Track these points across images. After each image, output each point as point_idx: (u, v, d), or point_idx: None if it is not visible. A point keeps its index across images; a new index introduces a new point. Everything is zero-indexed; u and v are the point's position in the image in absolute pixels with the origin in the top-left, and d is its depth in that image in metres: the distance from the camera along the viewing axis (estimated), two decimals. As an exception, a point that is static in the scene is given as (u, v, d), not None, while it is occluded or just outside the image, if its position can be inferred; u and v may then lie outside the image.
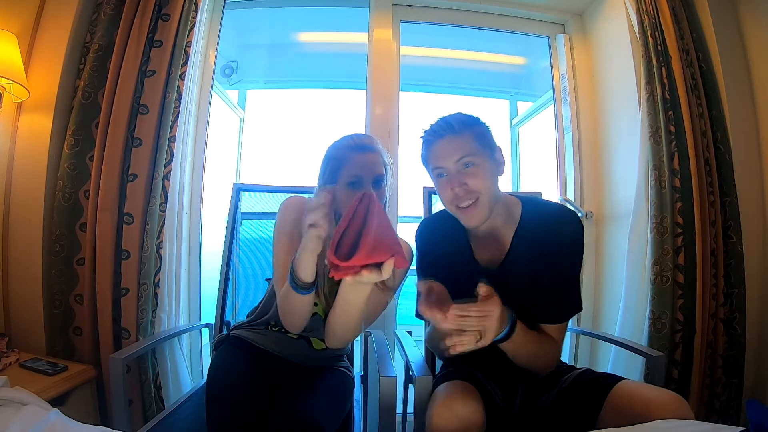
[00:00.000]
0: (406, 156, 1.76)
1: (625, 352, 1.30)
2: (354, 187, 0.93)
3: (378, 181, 0.94)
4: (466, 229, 0.97)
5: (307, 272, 0.80)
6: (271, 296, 1.07)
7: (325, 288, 0.96)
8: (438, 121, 0.91)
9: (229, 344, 1.06)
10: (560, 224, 0.90)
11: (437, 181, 0.91)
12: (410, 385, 1.02)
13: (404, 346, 1.11)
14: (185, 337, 1.52)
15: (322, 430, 0.80)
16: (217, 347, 1.09)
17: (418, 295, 0.78)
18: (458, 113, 0.92)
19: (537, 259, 0.90)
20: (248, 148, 2.51)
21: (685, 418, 0.70)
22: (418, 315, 0.82)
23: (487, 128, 0.92)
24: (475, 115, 0.92)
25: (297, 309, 0.88)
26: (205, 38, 1.67)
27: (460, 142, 0.87)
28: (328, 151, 1.00)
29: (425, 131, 0.93)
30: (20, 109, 1.38)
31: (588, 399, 0.82)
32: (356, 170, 0.93)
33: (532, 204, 0.96)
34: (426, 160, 0.94)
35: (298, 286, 0.81)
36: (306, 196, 1.02)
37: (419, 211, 1.43)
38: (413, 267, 1.06)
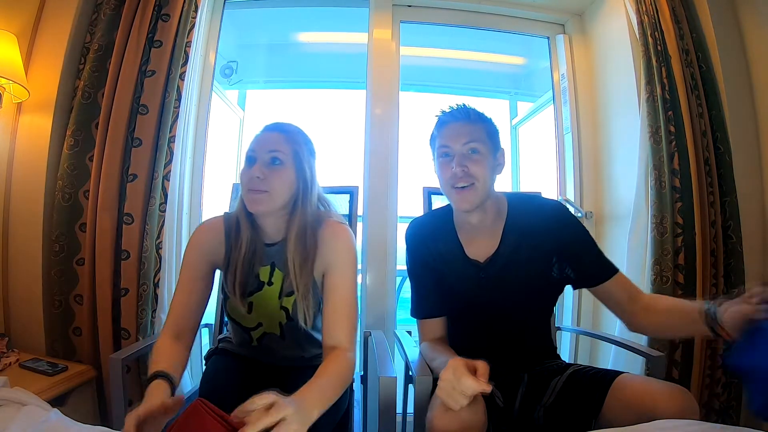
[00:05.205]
0: (407, 156, 1.76)
1: (625, 352, 1.30)
2: (249, 162, 0.90)
3: (273, 159, 0.89)
4: (455, 227, 1.00)
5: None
6: (229, 324, 1.04)
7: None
8: (458, 106, 0.96)
9: (219, 355, 1.05)
10: (547, 211, 0.98)
11: (440, 161, 0.95)
12: (410, 385, 1.03)
13: (404, 346, 1.11)
14: (185, 337, 1.51)
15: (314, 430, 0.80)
16: (207, 359, 1.08)
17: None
18: (471, 107, 0.96)
19: (530, 248, 0.95)
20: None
21: (691, 410, 0.72)
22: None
23: (497, 129, 0.97)
24: (490, 115, 0.97)
25: None
26: (204, 38, 1.67)
27: (472, 128, 0.92)
28: None
29: (442, 111, 0.97)
30: (20, 109, 1.38)
31: (590, 394, 0.83)
32: (253, 145, 0.91)
33: (516, 198, 1.02)
34: (434, 139, 0.97)
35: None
36: (221, 215, 1.00)
37: (419, 212, 1.43)
38: (404, 268, 1.08)
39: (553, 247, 0.95)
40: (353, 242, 0.96)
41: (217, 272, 1.01)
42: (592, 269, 0.95)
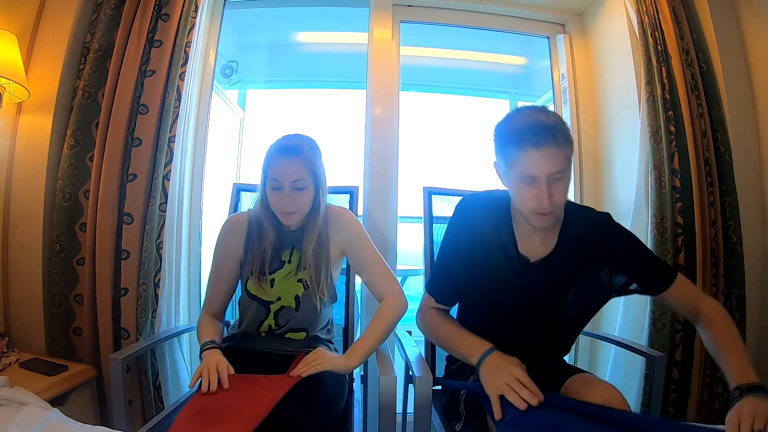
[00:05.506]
0: (407, 156, 1.76)
1: (625, 352, 1.30)
2: (277, 190, 1.02)
3: (298, 187, 1.02)
4: (512, 218, 0.98)
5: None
6: (243, 305, 1.13)
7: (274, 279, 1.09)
8: (540, 126, 0.82)
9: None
10: (594, 224, 0.97)
11: (520, 185, 0.87)
12: (410, 385, 1.03)
13: (404, 346, 1.11)
14: (185, 337, 1.52)
15: (300, 427, 0.82)
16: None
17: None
18: (558, 121, 0.84)
19: (580, 258, 0.95)
20: (248, 148, 2.52)
21: (617, 400, 0.80)
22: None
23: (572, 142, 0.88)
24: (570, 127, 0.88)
25: None
26: (205, 38, 1.67)
27: (559, 155, 0.83)
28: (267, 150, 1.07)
29: (522, 131, 0.84)
30: (20, 109, 1.38)
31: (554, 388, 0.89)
32: (276, 175, 1.02)
33: (572, 207, 0.98)
34: (511, 159, 0.86)
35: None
36: (246, 211, 1.16)
37: (419, 211, 1.43)
38: (404, 267, 1.09)
39: (603, 259, 0.95)
40: (355, 217, 1.18)
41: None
42: (646, 280, 0.96)
